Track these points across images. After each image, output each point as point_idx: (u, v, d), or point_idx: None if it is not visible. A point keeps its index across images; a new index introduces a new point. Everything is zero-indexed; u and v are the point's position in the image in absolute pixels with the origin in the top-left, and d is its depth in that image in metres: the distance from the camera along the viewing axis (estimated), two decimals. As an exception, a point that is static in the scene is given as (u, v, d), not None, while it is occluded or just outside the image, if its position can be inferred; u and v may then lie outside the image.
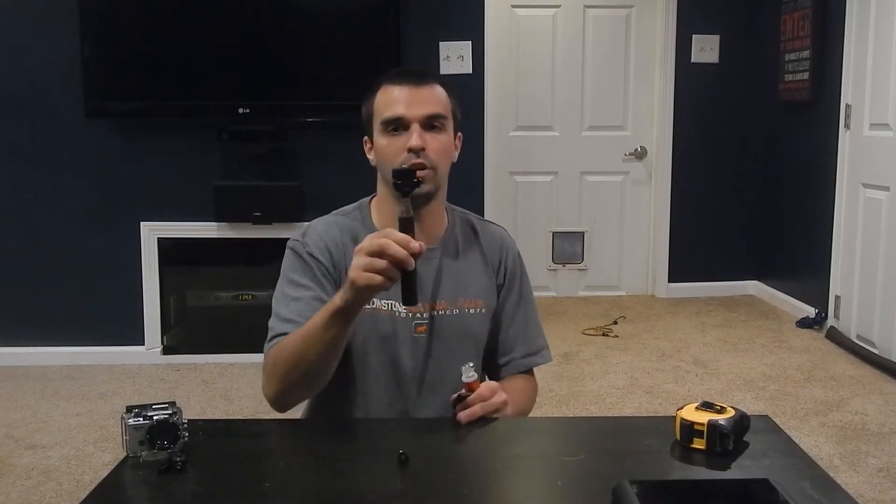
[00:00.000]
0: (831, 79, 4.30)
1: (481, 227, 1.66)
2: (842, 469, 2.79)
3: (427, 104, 1.50)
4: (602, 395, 3.54)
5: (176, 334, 4.17)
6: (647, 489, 1.07)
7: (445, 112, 1.53)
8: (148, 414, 1.22)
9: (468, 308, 1.57)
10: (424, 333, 1.53)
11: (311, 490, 1.17)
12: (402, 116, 1.49)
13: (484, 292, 1.60)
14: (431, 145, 1.49)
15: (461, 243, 1.61)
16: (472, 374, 1.41)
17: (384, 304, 1.52)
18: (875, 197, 3.92)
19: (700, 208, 5.16)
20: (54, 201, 4.00)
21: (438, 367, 1.55)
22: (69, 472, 2.84)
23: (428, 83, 1.52)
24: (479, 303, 1.59)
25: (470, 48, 4.13)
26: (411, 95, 1.50)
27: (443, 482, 1.18)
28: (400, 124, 1.49)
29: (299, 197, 3.95)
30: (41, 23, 3.88)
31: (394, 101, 1.50)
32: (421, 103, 1.50)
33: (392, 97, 1.51)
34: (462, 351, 1.55)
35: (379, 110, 1.52)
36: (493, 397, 1.40)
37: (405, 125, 1.49)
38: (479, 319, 1.59)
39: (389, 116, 1.50)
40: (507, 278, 1.64)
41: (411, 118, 1.49)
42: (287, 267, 1.54)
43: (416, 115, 1.49)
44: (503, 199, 5.03)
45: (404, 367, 1.53)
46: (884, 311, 3.83)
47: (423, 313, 1.54)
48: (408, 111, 1.49)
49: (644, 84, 5.13)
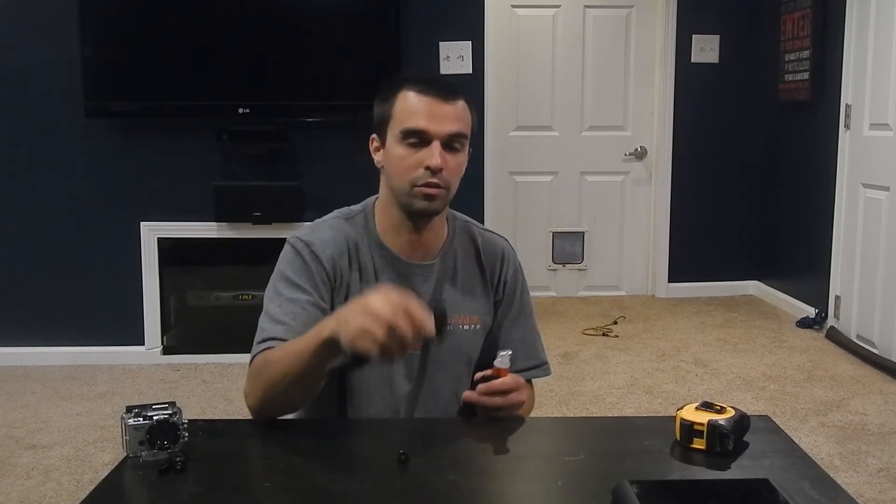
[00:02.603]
0: (831, 79, 4.30)
1: (482, 239, 1.60)
2: (842, 469, 2.79)
3: (452, 122, 1.44)
4: (602, 395, 3.54)
5: (176, 334, 4.17)
6: (647, 489, 1.07)
7: (467, 131, 1.47)
8: (148, 414, 1.22)
9: (462, 324, 1.54)
10: (418, 351, 1.50)
11: (311, 490, 1.17)
12: (425, 131, 1.42)
13: (480, 308, 1.57)
14: (449, 164, 1.43)
15: (460, 258, 1.57)
16: (507, 362, 1.38)
17: None
18: (875, 197, 3.92)
19: (700, 208, 5.16)
20: (54, 201, 4.00)
21: (431, 385, 1.53)
22: (69, 472, 2.84)
23: (455, 99, 1.46)
24: (474, 318, 1.56)
25: (470, 48, 4.14)
26: (437, 110, 1.43)
27: (443, 482, 1.18)
28: (421, 138, 1.43)
29: (299, 197, 3.95)
30: (41, 23, 3.88)
31: (418, 113, 1.43)
32: (446, 120, 1.43)
33: (416, 107, 1.44)
34: (454, 368, 1.53)
35: (399, 117, 1.45)
36: (513, 394, 1.38)
37: (426, 140, 1.43)
38: (473, 336, 1.56)
39: (412, 128, 1.43)
40: (505, 293, 1.60)
41: (434, 135, 1.42)
42: (285, 264, 1.49)
43: (440, 133, 1.43)
44: (503, 199, 5.03)
45: (398, 385, 1.51)
46: (884, 311, 3.83)
47: None
48: (432, 126, 1.42)
49: (644, 84, 5.13)
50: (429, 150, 1.42)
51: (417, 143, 1.43)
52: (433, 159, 1.41)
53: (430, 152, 1.42)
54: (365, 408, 1.51)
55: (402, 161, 1.44)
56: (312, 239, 1.49)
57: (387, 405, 1.52)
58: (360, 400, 1.51)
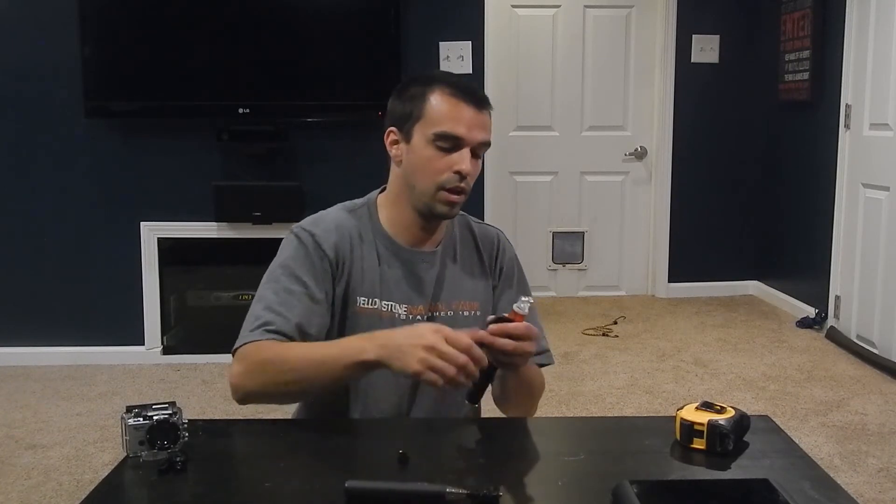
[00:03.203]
0: (831, 79, 4.30)
1: (478, 229, 1.64)
2: (842, 469, 2.79)
3: (484, 131, 1.48)
4: (602, 395, 3.54)
5: (176, 334, 4.17)
6: (647, 489, 1.07)
7: (491, 140, 1.51)
8: (148, 414, 1.22)
9: (462, 310, 1.56)
10: None
11: (311, 490, 1.17)
12: (462, 138, 1.44)
13: (480, 294, 1.59)
14: (472, 171, 1.47)
15: (459, 246, 1.60)
16: (526, 309, 1.33)
17: (385, 305, 1.50)
18: (875, 197, 3.92)
19: (700, 208, 5.16)
20: (54, 201, 4.00)
21: None
22: (69, 472, 2.84)
23: (488, 108, 1.50)
24: (474, 305, 1.57)
25: (470, 48, 4.14)
26: (473, 118, 1.46)
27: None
28: (455, 143, 1.45)
29: (299, 197, 3.95)
30: (41, 23, 3.88)
31: (455, 119, 1.45)
32: (480, 129, 1.47)
33: (453, 113, 1.45)
34: None
35: (433, 118, 1.45)
36: (526, 343, 1.32)
37: (458, 146, 1.45)
38: (472, 322, 1.55)
39: (449, 132, 1.44)
40: (501, 278, 1.62)
41: (468, 142, 1.45)
42: (287, 254, 1.48)
43: (474, 141, 1.46)
44: (503, 199, 5.03)
45: (404, 385, 1.51)
46: (884, 311, 3.83)
47: (423, 316, 1.52)
48: (468, 135, 1.45)
49: (644, 84, 5.13)
50: (459, 154, 1.45)
51: (449, 148, 1.45)
52: (465, 164, 1.44)
53: (462, 157, 1.45)
54: (370, 409, 1.51)
55: (431, 163, 1.46)
56: (316, 229, 1.50)
57: (392, 406, 1.52)
58: (365, 401, 1.51)
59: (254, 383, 1.37)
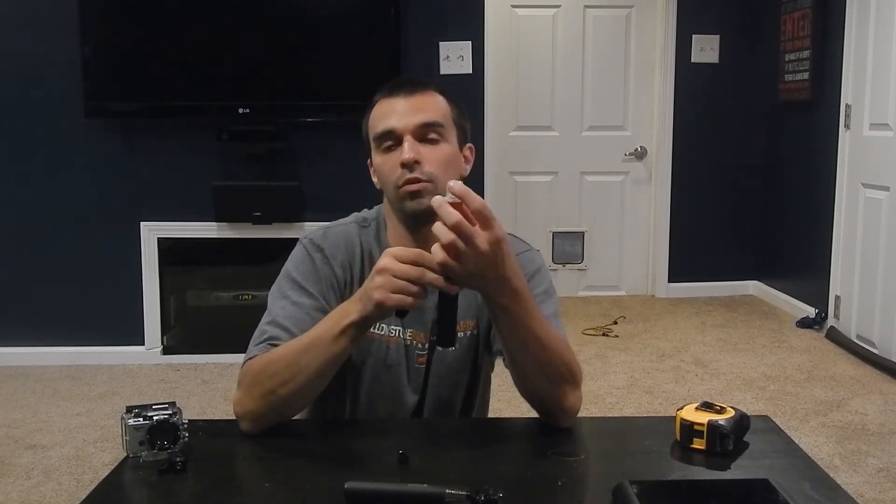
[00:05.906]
0: (831, 79, 4.30)
1: None
2: (842, 469, 2.79)
3: (419, 112, 1.39)
4: (602, 395, 3.54)
5: (176, 334, 4.17)
6: (647, 489, 1.07)
7: (443, 120, 1.41)
8: (148, 414, 1.22)
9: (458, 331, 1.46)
10: (423, 364, 1.48)
11: (311, 490, 1.17)
12: (392, 129, 1.38)
13: (476, 310, 1.49)
14: (427, 156, 1.37)
15: None
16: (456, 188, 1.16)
17: (393, 330, 1.45)
18: (875, 197, 3.92)
19: (700, 208, 5.16)
20: (54, 201, 4.00)
21: (434, 401, 1.50)
22: (69, 472, 2.84)
23: (422, 91, 1.41)
24: (469, 325, 1.50)
25: (470, 48, 4.14)
26: (402, 107, 1.39)
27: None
28: (392, 138, 1.39)
29: (299, 197, 3.95)
30: (41, 23, 3.88)
31: (386, 115, 1.40)
32: (414, 112, 1.38)
33: (385, 110, 1.41)
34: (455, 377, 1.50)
35: (373, 127, 1.43)
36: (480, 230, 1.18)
37: (398, 139, 1.38)
38: (468, 341, 1.50)
39: (380, 131, 1.40)
40: None
41: (402, 130, 1.38)
42: (294, 266, 1.44)
43: (407, 126, 1.38)
44: (503, 199, 5.03)
45: (406, 398, 1.49)
46: (884, 311, 3.83)
47: (424, 343, 1.47)
48: (398, 122, 1.38)
49: (644, 84, 5.13)
50: (402, 148, 1.38)
51: (393, 146, 1.40)
52: (406, 154, 1.36)
53: (403, 149, 1.38)
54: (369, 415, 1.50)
55: (382, 168, 1.41)
56: (324, 243, 1.46)
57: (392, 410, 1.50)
58: (366, 413, 1.49)
59: (253, 402, 1.32)
